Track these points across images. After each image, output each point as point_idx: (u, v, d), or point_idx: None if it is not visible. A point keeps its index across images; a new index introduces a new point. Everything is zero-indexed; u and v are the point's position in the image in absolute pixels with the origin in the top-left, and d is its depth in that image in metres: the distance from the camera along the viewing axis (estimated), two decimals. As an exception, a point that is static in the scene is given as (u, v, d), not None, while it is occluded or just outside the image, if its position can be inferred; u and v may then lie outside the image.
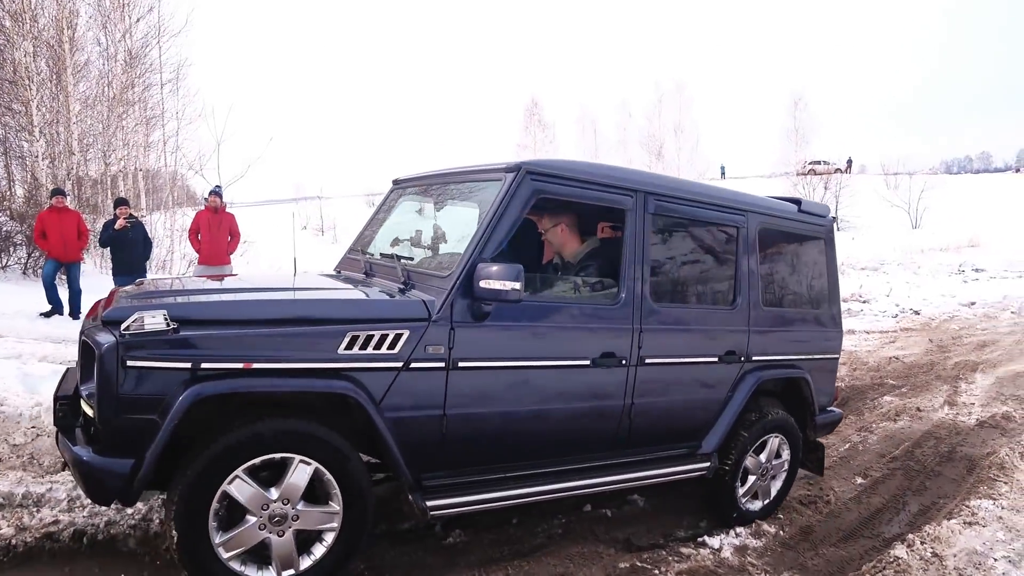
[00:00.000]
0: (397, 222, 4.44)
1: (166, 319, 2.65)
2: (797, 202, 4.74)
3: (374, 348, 2.98)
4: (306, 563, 2.96)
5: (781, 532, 4.46)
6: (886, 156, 43.30)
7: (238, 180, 16.98)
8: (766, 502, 4.53)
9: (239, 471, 2.75)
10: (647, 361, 3.71)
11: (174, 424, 2.60)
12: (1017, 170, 70.59)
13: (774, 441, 4.46)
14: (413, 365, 3.05)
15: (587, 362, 3.52)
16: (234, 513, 2.84)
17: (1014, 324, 13.35)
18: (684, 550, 4.03)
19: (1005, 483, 5.06)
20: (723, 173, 52.08)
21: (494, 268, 3.00)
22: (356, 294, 3.47)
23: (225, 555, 2.78)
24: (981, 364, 9.80)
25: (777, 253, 4.56)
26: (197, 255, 9.74)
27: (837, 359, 4.98)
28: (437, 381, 3.12)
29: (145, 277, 8.86)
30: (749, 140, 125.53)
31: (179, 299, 3.11)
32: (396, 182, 4.58)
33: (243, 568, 2.84)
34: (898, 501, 5.06)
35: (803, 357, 4.59)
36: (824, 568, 4.04)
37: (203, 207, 9.98)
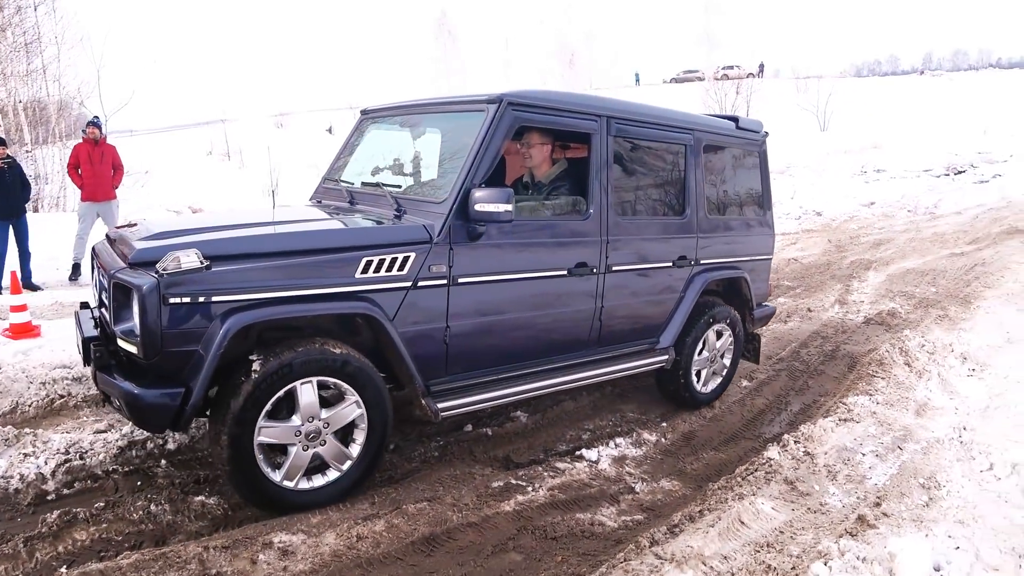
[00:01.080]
0: (370, 151, 4.64)
1: (199, 257, 2.81)
2: (735, 119, 5.16)
3: (386, 270, 3.26)
4: (356, 450, 3.32)
5: (663, 439, 4.44)
6: (797, 60, 43.45)
7: (122, 108, 15.84)
8: (715, 386, 5.05)
9: (262, 420, 3.02)
10: (614, 268, 4.12)
11: (220, 352, 2.82)
12: (921, 72, 72.38)
13: (719, 330, 4.94)
14: (420, 284, 3.37)
15: (564, 272, 3.89)
16: (276, 449, 3.17)
17: (909, 222, 13.75)
18: (560, 464, 3.96)
19: (883, 379, 5.15)
20: (637, 80, 51.76)
21: (487, 192, 3.31)
22: (362, 222, 3.65)
23: (289, 484, 3.14)
24: (875, 262, 10.04)
25: (719, 166, 4.99)
26: (80, 190, 9.03)
27: (771, 259, 5.53)
28: (440, 297, 3.44)
29: (24, 220, 8.23)
30: (663, 45, 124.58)
31: (203, 237, 3.20)
32: (365, 112, 4.79)
33: (310, 482, 3.23)
34: (780, 402, 5.11)
35: (742, 259, 5.09)
36: (702, 472, 4.03)
37: (81, 139, 9.21)
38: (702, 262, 4.72)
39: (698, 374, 4.89)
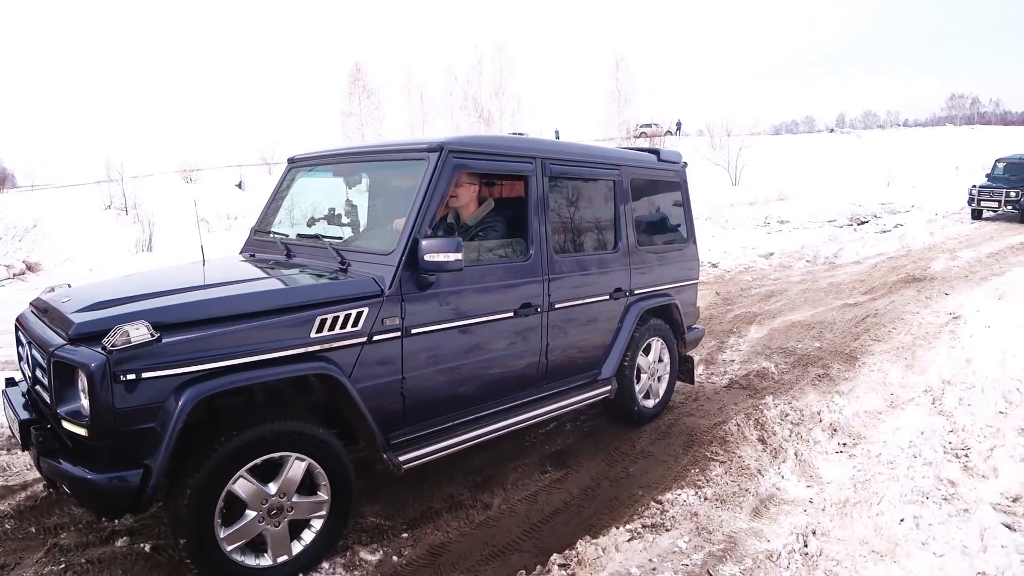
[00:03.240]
0: (301, 200, 4.60)
1: (148, 329, 2.68)
2: (656, 152, 5.42)
3: (340, 327, 3.19)
4: (297, 548, 3.13)
5: (393, 558, 3.20)
6: (711, 119, 44.01)
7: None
8: (656, 401, 5.23)
9: (243, 471, 2.87)
10: (556, 306, 4.22)
11: (178, 427, 2.67)
12: (832, 130, 74.90)
13: (657, 344, 5.18)
14: (375, 338, 3.32)
15: (510, 313, 3.94)
16: (233, 509, 2.93)
17: (806, 272, 13.03)
18: None
19: (722, 462, 4.07)
20: (557, 136, 51.78)
21: (436, 242, 3.30)
22: (308, 278, 3.51)
23: (228, 548, 2.89)
24: (760, 315, 9.12)
25: (645, 198, 5.20)
26: None
27: (696, 283, 5.79)
28: (395, 349, 3.41)
29: None
30: (577, 102, 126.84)
31: (146, 304, 3.03)
32: (292, 160, 4.74)
33: (242, 558, 2.97)
34: (582, 499, 3.92)
35: (672, 285, 5.32)
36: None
37: None
38: (636, 292, 4.90)
39: (639, 382, 5.03)
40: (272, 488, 2.97)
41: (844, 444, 4.54)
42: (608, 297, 4.65)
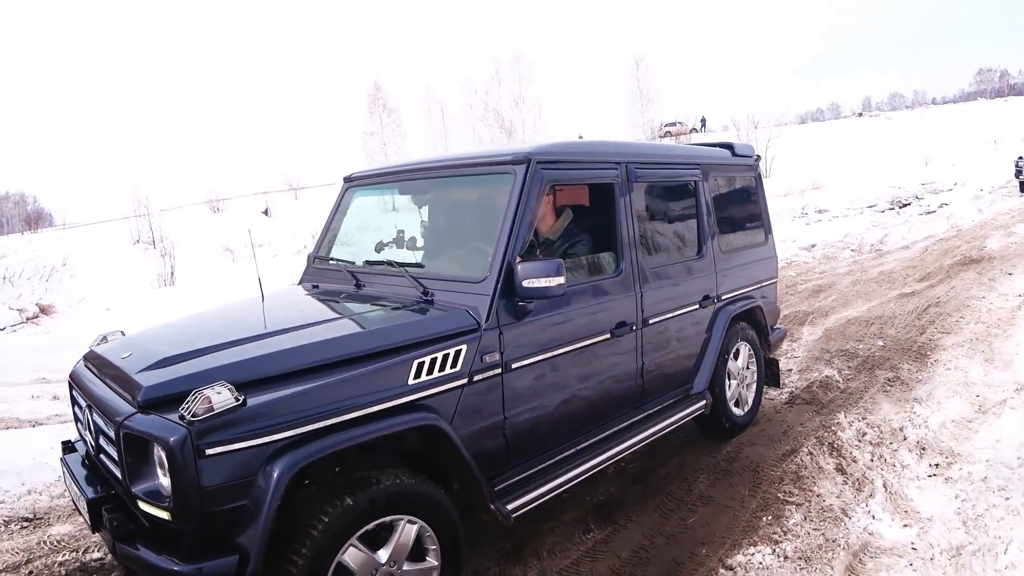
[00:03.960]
0: (362, 223, 4.33)
1: (232, 392, 2.34)
2: (730, 146, 5.09)
3: (439, 370, 2.86)
4: None
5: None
6: (736, 113, 43.11)
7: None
8: (747, 409, 4.91)
9: (354, 539, 2.53)
10: (650, 322, 3.92)
11: (276, 504, 2.34)
12: (860, 115, 73.29)
13: (744, 349, 4.88)
14: (475, 378, 2.99)
15: (607, 335, 3.63)
16: None
17: (853, 263, 12.25)
18: None
19: (799, 504, 3.41)
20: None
21: (535, 265, 3.01)
22: (399, 315, 3.17)
23: None
24: (812, 314, 8.41)
25: (725, 197, 4.90)
26: None
27: (776, 281, 5.49)
28: (495, 387, 3.10)
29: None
30: (598, 104, 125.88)
31: (220, 359, 2.67)
32: (349, 179, 4.38)
33: None
34: (630, 564, 3.26)
35: (755, 286, 5.05)
36: None
37: None
38: (722, 297, 4.65)
39: (729, 389, 4.73)
40: (383, 556, 2.64)
41: (937, 465, 3.86)
42: (697, 306, 4.40)
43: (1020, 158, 19.15)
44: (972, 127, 45.96)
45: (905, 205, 18.91)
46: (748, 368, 4.94)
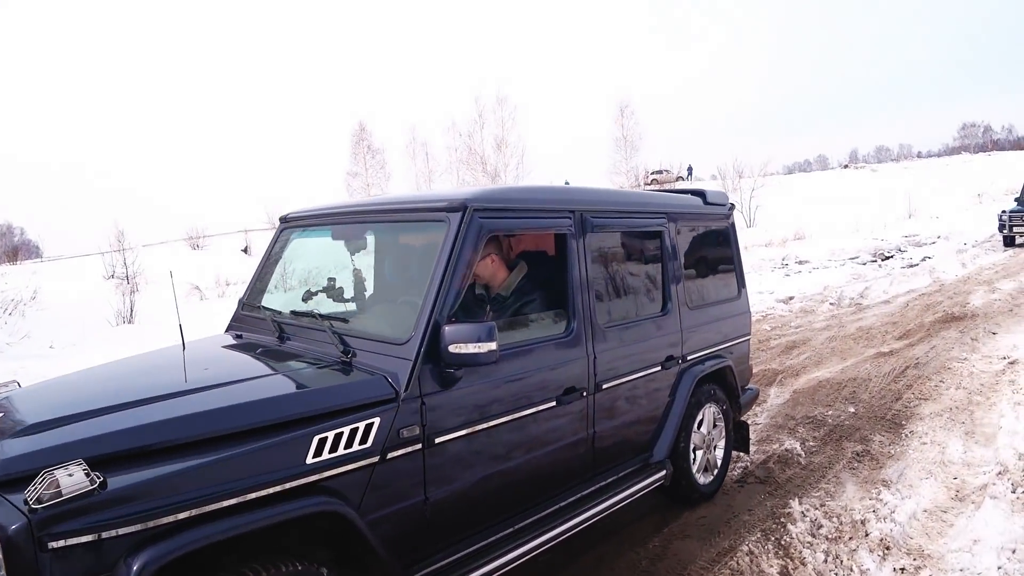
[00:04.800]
0: (296, 267, 4.07)
1: (86, 473, 2.01)
2: (701, 194, 4.74)
3: (345, 447, 2.50)
4: None
5: None
6: (722, 162, 43.15)
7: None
8: (714, 475, 4.50)
9: None
10: (603, 387, 3.57)
11: None
12: (845, 166, 73.82)
13: (710, 412, 4.48)
14: (389, 455, 2.63)
15: (552, 403, 3.26)
16: None
17: (831, 317, 11.72)
18: None
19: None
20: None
21: (463, 329, 2.69)
22: (306, 379, 2.84)
23: None
24: (782, 373, 7.83)
25: (694, 249, 4.56)
26: None
27: (749, 338, 5.12)
28: (415, 465, 2.72)
29: None
30: (583, 149, 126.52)
31: (93, 427, 2.35)
32: (285, 219, 4.04)
33: None
34: None
35: (725, 344, 4.69)
36: None
37: None
38: (688, 358, 4.26)
39: (695, 460, 4.34)
40: None
41: (903, 571, 3.24)
42: (659, 367, 4.01)
43: (1004, 212, 18.85)
44: (956, 180, 46.13)
45: (888, 258, 18.50)
46: (715, 427, 4.56)
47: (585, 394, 3.45)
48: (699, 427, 4.36)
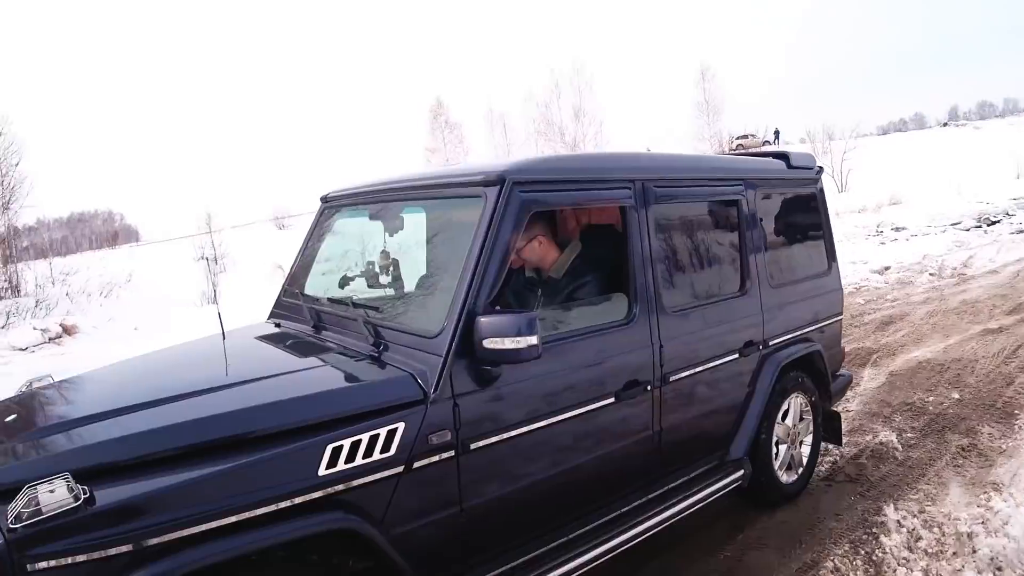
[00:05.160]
0: (335, 251, 3.75)
1: (71, 488, 1.87)
2: (785, 157, 4.27)
3: (364, 456, 2.25)
4: None
5: None
6: (811, 125, 41.28)
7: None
8: (799, 473, 4.08)
9: None
10: (671, 380, 3.18)
11: None
12: (945, 124, 69.79)
13: (795, 402, 4.07)
14: (416, 464, 2.36)
15: (611, 399, 2.91)
16: None
17: (931, 289, 10.93)
18: None
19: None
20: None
21: (500, 320, 2.39)
22: (326, 378, 2.60)
23: None
24: (877, 353, 7.26)
25: (777, 219, 4.15)
26: None
27: (841, 319, 4.65)
28: (448, 474, 2.45)
29: None
30: (664, 116, 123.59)
31: (82, 435, 2.21)
32: (325, 199, 3.81)
33: None
34: None
35: (814, 327, 4.24)
36: None
37: None
38: (771, 343, 3.83)
39: (778, 457, 3.94)
40: None
41: (1019, 597, 2.80)
42: (737, 355, 3.60)
43: None
44: (1071, 137, 42.87)
45: (994, 223, 17.23)
46: (801, 421, 4.12)
47: (650, 388, 3.10)
48: (783, 419, 3.95)
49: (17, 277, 16.04)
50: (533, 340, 2.38)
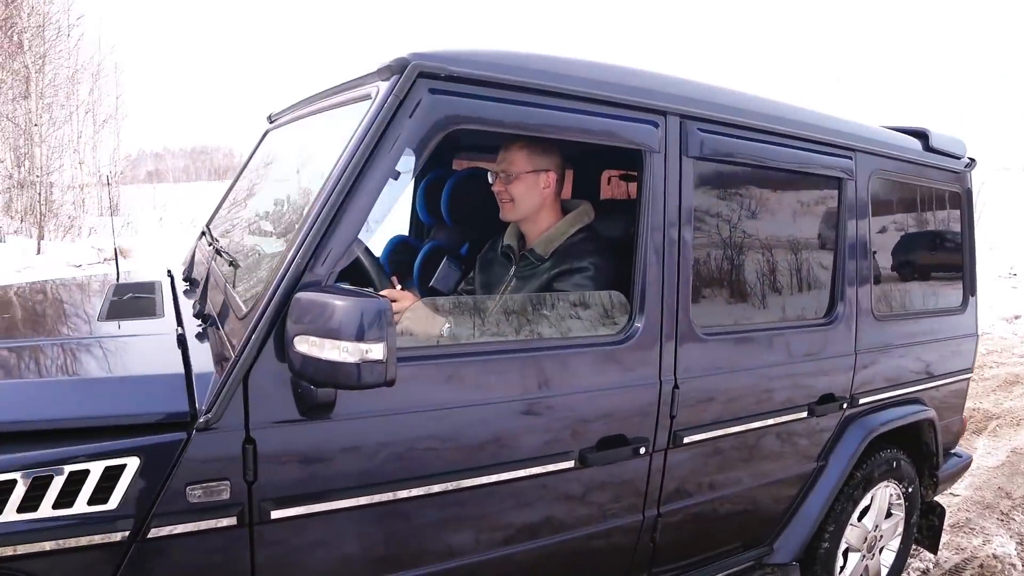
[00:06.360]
0: (268, 182, 2.83)
1: None
2: (923, 135, 3.12)
3: (56, 505, 1.37)
4: None
5: None
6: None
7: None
8: None
9: None
10: (684, 441, 2.15)
11: None
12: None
13: (883, 493, 2.99)
14: (155, 533, 1.44)
15: (570, 463, 1.91)
16: None
17: (1069, 346, 9.63)
18: None
19: None
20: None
21: (326, 303, 1.41)
22: (69, 364, 1.77)
23: None
24: (997, 419, 6.22)
25: (899, 220, 3.12)
26: None
27: (969, 377, 3.54)
28: (227, 558, 1.54)
29: None
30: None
31: None
32: (271, 118, 3.00)
33: None
34: None
35: (928, 384, 3.14)
36: None
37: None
38: (861, 400, 2.76)
39: (845, 570, 2.92)
40: None
41: None
42: (806, 411, 2.55)
43: None
44: None
45: None
46: (887, 520, 3.06)
47: (646, 451, 2.09)
48: (861, 518, 2.91)
49: (119, 197, 17.94)
50: (376, 351, 1.40)
